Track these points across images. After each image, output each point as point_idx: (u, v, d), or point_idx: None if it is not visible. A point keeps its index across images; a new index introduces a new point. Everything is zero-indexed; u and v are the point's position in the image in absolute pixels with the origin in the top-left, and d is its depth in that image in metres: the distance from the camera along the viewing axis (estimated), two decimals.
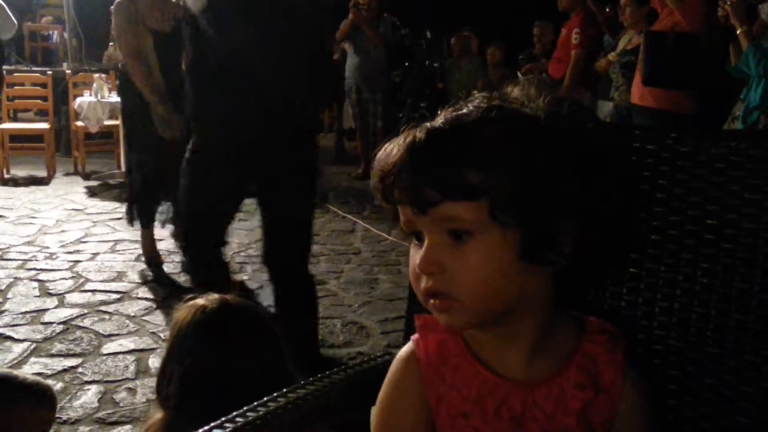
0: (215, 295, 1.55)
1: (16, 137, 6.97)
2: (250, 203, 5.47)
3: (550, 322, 0.84)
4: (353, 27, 6.93)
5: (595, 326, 0.87)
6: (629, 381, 0.85)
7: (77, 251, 4.50)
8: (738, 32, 3.79)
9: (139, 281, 4.00)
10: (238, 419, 0.92)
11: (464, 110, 0.79)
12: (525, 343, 0.84)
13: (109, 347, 3.12)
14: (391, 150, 0.79)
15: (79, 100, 6.58)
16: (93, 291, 3.80)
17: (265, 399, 0.97)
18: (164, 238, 4.30)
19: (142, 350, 3.10)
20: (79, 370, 2.90)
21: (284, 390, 1.01)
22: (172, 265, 4.24)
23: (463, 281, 0.77)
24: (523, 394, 0.84)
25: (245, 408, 0.94)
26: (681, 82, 4.08)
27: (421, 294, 0.81)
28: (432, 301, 0.80)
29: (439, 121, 0.79)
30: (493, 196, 0.73)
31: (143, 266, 4.22)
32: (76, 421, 2.50)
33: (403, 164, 0.77)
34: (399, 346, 0.97)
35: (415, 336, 0.91)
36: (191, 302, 1.54)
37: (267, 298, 3.71)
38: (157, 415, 1.48)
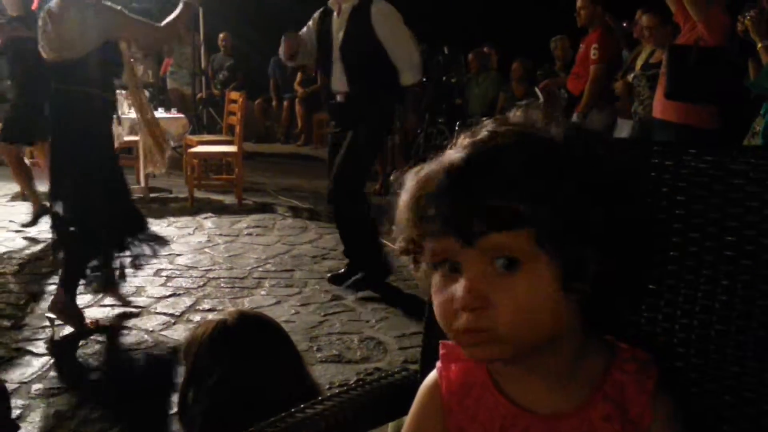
0: (232, 309, 1.56)
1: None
2: (267, 217, 5.43)
3: (577, 351, 0.82)
4: None
5: (626, 354, 0.84)
6: (659, 412, 0.81)
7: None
8: (758, 47, 3.76)
9: (158, 296, 4.01)
10: None
11: (485, 133, 0.77)
12: (550, 374, 0.81)
13: (128, 362, 3.13)
14: (425, 176, 0.76)
15: None
16: (112, 306, 3.82)
17: (283, 414, 0.98)
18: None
19: (160, 365, 3.12)
20: (98, 384, 2.91)
21: (302, 405, 1.01)
22: (190, 280, 4.26)
23: (508, 312, 0.73)
24: (547, 427, 0.81)
25: (263, 424, 0.95)
26: (704, 96, 4.06)
27: (457, 332, 0.77)
28: (467, 336, 0.77)
29: (468, 148, 0.76)
30: (538, 224, 0.72)
31: (162, 280, 4.24)
32: None
33: (445, 194, 0.74)
34: (416, 362, 0.97)
35: (440, 364, 0.89)
36: (206, 320, 1.54)
37: (284, 312, 3.72)
38: None
